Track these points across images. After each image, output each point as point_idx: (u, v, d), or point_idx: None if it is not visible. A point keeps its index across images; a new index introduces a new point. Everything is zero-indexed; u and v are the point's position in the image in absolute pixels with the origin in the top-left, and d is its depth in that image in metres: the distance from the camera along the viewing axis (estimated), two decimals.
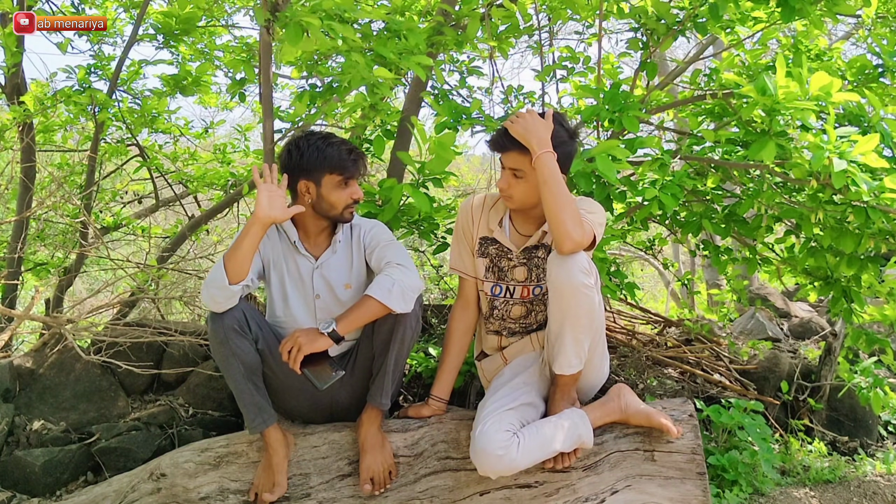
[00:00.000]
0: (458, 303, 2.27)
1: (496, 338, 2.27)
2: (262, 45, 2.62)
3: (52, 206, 4.04)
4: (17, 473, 2.47)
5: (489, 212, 2.20)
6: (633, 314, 3.93)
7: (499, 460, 1.89)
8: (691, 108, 2.97)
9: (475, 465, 1.95)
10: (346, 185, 2.09)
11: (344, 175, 2.07)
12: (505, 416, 1.97)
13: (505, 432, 1.92)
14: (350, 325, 1.97)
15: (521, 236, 2.18)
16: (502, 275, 2.19)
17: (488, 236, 2.20)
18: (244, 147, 4.94)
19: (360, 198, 2.13)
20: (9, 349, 3.28)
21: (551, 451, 1.98)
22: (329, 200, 2.09)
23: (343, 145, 2.09)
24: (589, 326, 1.97)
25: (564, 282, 1.91)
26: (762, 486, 2.47)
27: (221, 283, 1.93)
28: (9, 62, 3.58)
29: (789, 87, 2.07)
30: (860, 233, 2.35)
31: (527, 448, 1.92)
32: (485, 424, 1.95)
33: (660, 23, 2.70)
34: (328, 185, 2.07)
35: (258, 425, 2.07)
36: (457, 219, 2.26)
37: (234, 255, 1.95)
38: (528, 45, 5.89)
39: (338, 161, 2.06)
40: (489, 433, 1.92)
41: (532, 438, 1.95)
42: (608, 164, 2.20)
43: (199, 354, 2.97)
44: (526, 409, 2.04)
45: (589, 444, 2.04)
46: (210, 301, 1.97)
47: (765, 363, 3.36)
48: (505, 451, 1.89)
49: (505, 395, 2.05)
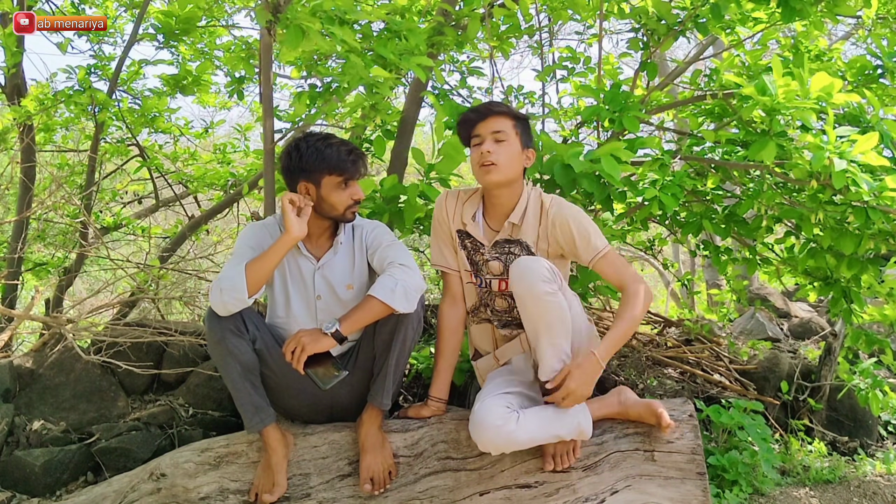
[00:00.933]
0: (444, 299, 2.26)
1: (488, 326, 2.25)
2: (262, 45, 2.62)
3: (52, 206, 4.04)
4: (17, 473, 2.47)
5: (463, 206, 2.20)
6: None
7: (497, 431, 1.90)
8: (691, 108, 2.97)
9: (474, 440, 1.96)
10: (345, 185, 2.08)
11: (343, 176, 2.07)
12: (504, 397, 1.99)
13: (505, 407, 1.94)
14: (353, 326, 1.97)
15: (492, 231, 2.18)
16: (477, 268, 2.20)
17: (462, 230, 2.20)
18: (244, 147, 4.95)
19: (361, 198, 2.12)
20: (9, 349, 3.28)
21: (551, 434, 1.98)
22: (329, 201, 2.08)
23: (342, 146, 2.08)
24: (563, 329, 1.96)
25: (527, 293, 1.93)
26: (762, 486, 2.47)
27: (241, 294, 1.93)
28: (9, 62, 3.58)
29: (789, 87, 2.07)
30: (860, 233, 2.35)
31: (526, 423, 1.93)
32: (484, 401, 1.97)
33: (660, 23, 2.70)
34: (328, 186, 2.07)
35: (256, 425, 2.07)
36: (433, 214, 2.26)
37: (261, 269, 1.96)
38: (528, 45, 5.89)
39: (336, 162, 2.05)
40: (488, 405, 1.94)
41: (532, 416, 1.95)
42: (613, 165, 2.21)
43: (199, 354, 2.96)
44: (524, 397, 2.05)
45: (587, 434, 2.03)
46: (221, 306, 1.96)
47: (765, 363, 3.36)
48: (504, 422, 1.90)
49: (502, 383, 2.07)
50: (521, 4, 2.94)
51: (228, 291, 1.93)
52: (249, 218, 3.93)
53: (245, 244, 2.09)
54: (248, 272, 1.95)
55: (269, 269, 1.98)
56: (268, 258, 1.98)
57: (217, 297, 1.94)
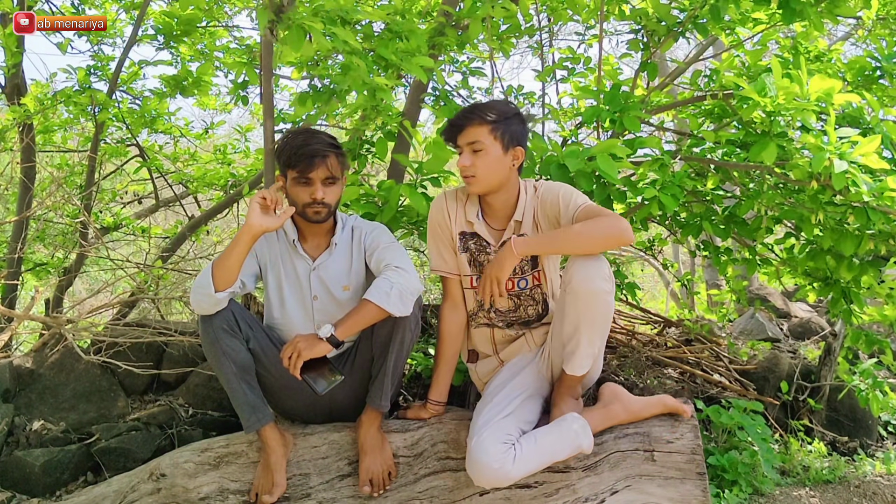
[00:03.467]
0: (445, 304, 2.24)
1: (488, 331, 2.24)
2: (263, 45, 2.61)
3: (52, 206, 4.05)
4: (17, 473, 2.47)
5: (465, 206, 2.17)
6: (633, 314, 3.93)
7: (494, 473, 1.89)
8: (691, 108, 2.97)
9: (470, 476, 1.94)
10: (304, 183, 2.04)
11: (296, 170, 2.03)
12: (502, 425, 1.96)
13: (502, 444, 1.91)
14: (349, 330, 1.95)
15: (496, 230, 2.16)
16: (481, 269, 2.17)
17: (467, 230, 2.17)
18: (244, 147, 4.95)
19: (320, 199, 2.04)
20: (8, 349, 3.27)
21: (549, 461, 1.98)
22: (291, 196, 2.07)
23: (306, 142, 2.03)
24: (603, 330, 1.99)
25: (586, 287, 1.90)
26: (762, 486, 2.47)
27: (208, 289, 1.93)
28: (9, 62, 3.58)
29: (789, 88, 2.07)
30: (860, 234, 2.35)
31: (523, 459, 1.91)
32: (481, 435, 1.93)
33: (660, 24, 2.71)
34: (290, 182, 2.06)
35: (253, 424, 2.07)
36: (429, 219, 2.21)
37: (223, 263, 1.94)
38: (528, 46, 5.89)
39: (290, 157, 2.03)
40: (485, 444, 1.91)
41: (529, 449, 1.93)
42: (609, 163, 2.20)
43: (198, 354, 2.96)
44: (523, 413, 2.03)
45: (588, 451, 2.03)
46: (196, 306, 1.98)
47: (764, 363, 3.36)
48: (500, 465, 1.88)
49: (501, 400, 2.04)
50: (521, 5, 2.94)
51: (198, 289, 1.95)
52: None
53: None
54: (213, 267, 1.94)
55: (233, 262, 1.94)
56: (230, 251, 1.95)
57: (192, 296, 1.97)
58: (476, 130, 2.02)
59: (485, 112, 2.03)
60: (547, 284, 2.18)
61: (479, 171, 2.03)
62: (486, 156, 2.02)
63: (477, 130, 2.02)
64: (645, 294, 10.16)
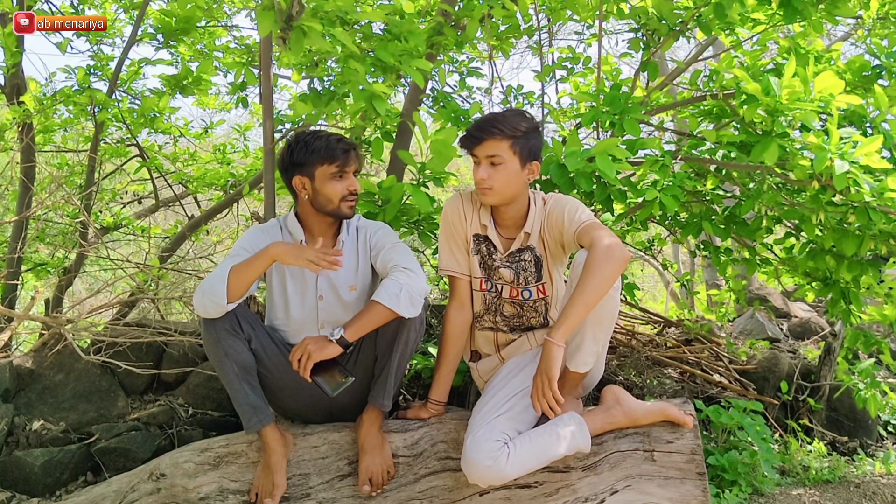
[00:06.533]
0: (452, 304, 2.24)
1: (492, 334, 2.26)
2: (262, 45, 2.62)
3: (52, 206, 4.04)
4: (17, 473, 2.47)
5: (479, 209, 2.18)
6: (633, 314, 3.93)
7: (487, 471, 1.89)
8: (691, 108, 2.97)
9: (465, 474, 1.94)
10: (340, 176, 2.07)
11: (335, 164, 2.05)
12: (496, 424, 1.96)
13: (495, 442, 1.91)
14: (358, 332, 1.95)
15: (506, 240, 2.17)
16: (490, 273, 2.19)
17: (481, 234, 2.17)
18: (244, 147, 4.95)
19: (357, 189, 2.10)
20: (8, 349, 3.27)
21: (543, 461, 1.97)
22: (324, 193, 2.07)
23: (333, 136, 2.08)
24: (608, 329, 2.01)
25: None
26: (762, 486, 2.47)
27: (220, 300, 1.93)
28: (9, 62, 3.58)
29: (793, 87, 2.07)
30: (861, 234, 2.34)
31: (518, 458, 1.91)
32: (475, 434, 1.94)
33: (661, 23, 2.70)
34: (321, 178, 2.07)
35: (254, 425, 2.07)
36: (444, 218, 2.21)
37: (241, 278, 1.94)
38: (527, 46, 5.90)
39: (327, 151, 2.05)
40: (479, 442, 1.91)
41: (525, 448, 1.93)
42: (608, 164, 2.20)
43: (198, 354, 2.96)
44: (521, 412, 2.03)
45: (585, 450, 2.03)
46: (201, 309, 1.97)
47: (764, 363, 3.36)
48: (493, 462, 1.88)
49: (499, 400, 2.05)
50: (520, 5, 2.94)
51: (208, 294, 1.94)
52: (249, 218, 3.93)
53: (241, 246, 2.08)
54: (230, 279, 1.93)
55: (251, 278, 1.95)
56: (249, 268, 1.95)
57: (199, 298, 1.95)
58: (497, 144, 2.01)
59: (506, 126, 2.00)
60: (553, 294, 2.19)
61: (496, 185, 2.03)
62: (504, 170, 2.02)
63: (498, 144, 2.01)
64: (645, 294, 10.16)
